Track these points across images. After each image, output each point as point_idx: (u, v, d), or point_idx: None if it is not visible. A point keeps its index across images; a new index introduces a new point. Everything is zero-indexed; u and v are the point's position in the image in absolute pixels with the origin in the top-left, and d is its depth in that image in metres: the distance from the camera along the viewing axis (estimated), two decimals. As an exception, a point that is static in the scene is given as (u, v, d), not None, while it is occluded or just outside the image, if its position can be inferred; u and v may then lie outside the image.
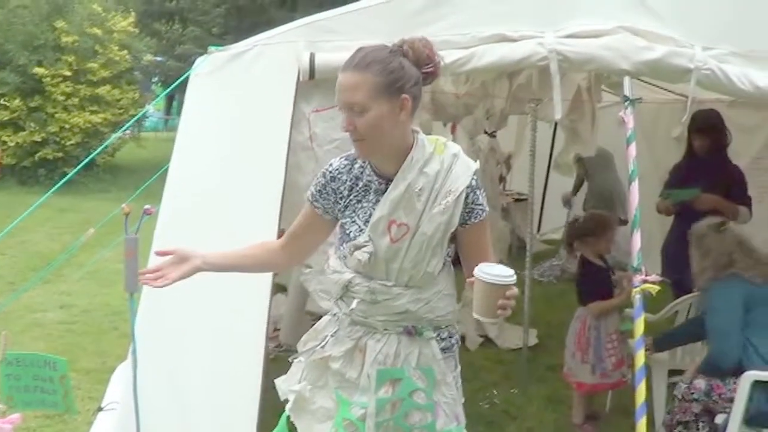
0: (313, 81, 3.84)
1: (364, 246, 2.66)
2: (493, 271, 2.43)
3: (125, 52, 18.85)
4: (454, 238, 2.69)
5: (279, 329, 7.01)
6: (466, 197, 2.62)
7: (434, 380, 2.69)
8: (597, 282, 5.10)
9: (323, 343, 2.78)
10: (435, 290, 2.69)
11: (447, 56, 3.80)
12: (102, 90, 17.87)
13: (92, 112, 17.59)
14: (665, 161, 6.71)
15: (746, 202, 5.72)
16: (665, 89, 7.10)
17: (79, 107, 17.52)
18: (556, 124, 7.75)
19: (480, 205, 2.65)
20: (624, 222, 6.86)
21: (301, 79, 3.83)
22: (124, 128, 10.87)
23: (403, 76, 2.54)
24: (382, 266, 2.66)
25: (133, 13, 20.60)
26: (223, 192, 3.81)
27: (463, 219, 2.64)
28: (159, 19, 25.41)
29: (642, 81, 6.01)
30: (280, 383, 2.97)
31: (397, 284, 2.67)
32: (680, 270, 5.62)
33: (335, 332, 2.77)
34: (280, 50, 3.90)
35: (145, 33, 22.39)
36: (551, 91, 3.96)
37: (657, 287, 3.53)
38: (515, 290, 2.44)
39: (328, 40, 3.89)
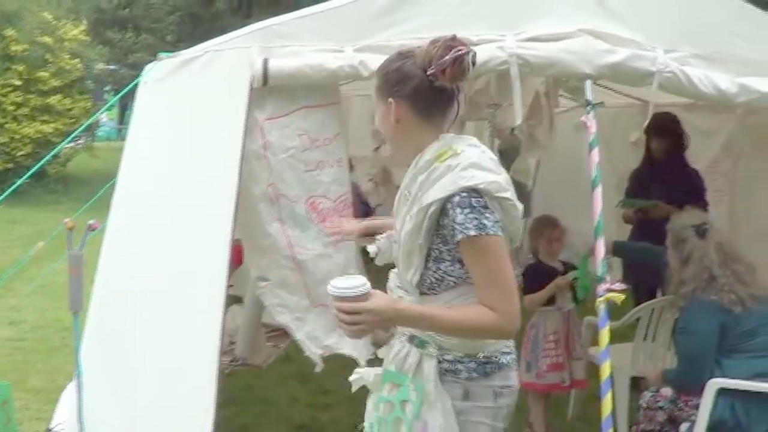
0: (266, 87, 3.72)
1: (376, 241, 2.91)
2: (339, 283, 2.39)
3: (77, 60, 18.55)
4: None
5: (235, 342, 6.88)
6: (444, 213, 2.43)
7: (424, 398, 2.54)
8: (536, 279, 5.06)
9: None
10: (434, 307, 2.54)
11: None
12: (53, 99, 17.59)
13: (43, 122, 17.30)
14: (623, 166, 6.67)
15: (703, 206, 5.62)
16: (622, 93, 7.05)
17: (29, 117, 17.23)
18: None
19: (459, 224, 2.39)
20: None
21: (254, 85, 3.70)
22: (72, 136, 10.60)
23: (391, 80, 2.54)
24: (396, 265, 2.68)
25: (84, 22, 20.29)
26: (174, 203, 3.67)
27: (451, 237, 2.44)
28: (112, 27, 25.06)
29: (599, 85, 5.96)
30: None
31: (401, 287, 2.63)
32: (641, 274, 5.62)
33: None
34: (232, 56, 3.77)
35: (98, 41, 22.08)
36: (510, 96, 3.88)
37: (622, 296, 3.46)
38: (353, 305, 2.36)
39: (282, 46, 3.77)
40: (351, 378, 2.88)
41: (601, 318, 3.47)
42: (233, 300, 7.22)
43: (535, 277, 5.08)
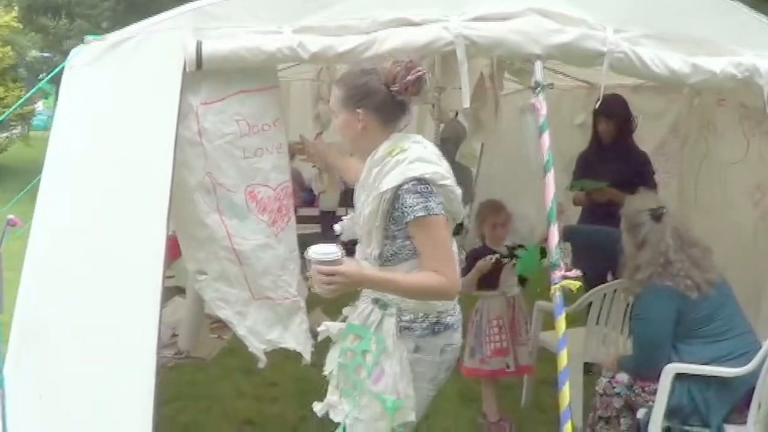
0: (200, 71, 3.51)
1: (341, 221, 3.44)
2: (318, 249, 2.87)
3: (8, 48, 18.04)
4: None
5: (177, 335, 6.70)
6: (396, 198, 2.98)
7: (384, 349, 3.06)
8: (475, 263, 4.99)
9: None
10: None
11: (345, 43, 3.58)
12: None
13: (-17, 110, 16.78)
14: (568, 150, 6.62)
15: (652, 188, 5.56)
16: (567, 75, 6.99)
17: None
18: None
19: (409, 207, 2.95)
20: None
21: (187, 69, 3.49)
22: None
23: (358, 93, 3.10)
24: (359, 242, 3.23)
25: (16, 8, 19.75)
26: (104, 195, 3.44)
27: (400, 218, 3.00)
28: (45, 14, 24.42)
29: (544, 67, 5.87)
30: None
31: (366, 258, 3.14)
32: (591, 258, 5.55)
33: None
34: (163, 39, 3.55)
35: (30, 28, 21.53)
36: (455, 79, 3.75)
37: (578, 283, 3.36)
38: (328, 268, 2.84)
39: (216, 27, 3.57)
40: (319, 329, 3.41)
41: (557, 305, 3.37)
42: (176, 291, 7.05)
43: (475, 262, 5.00)
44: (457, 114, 7.72)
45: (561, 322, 3.34)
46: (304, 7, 3.60)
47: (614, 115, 5.70)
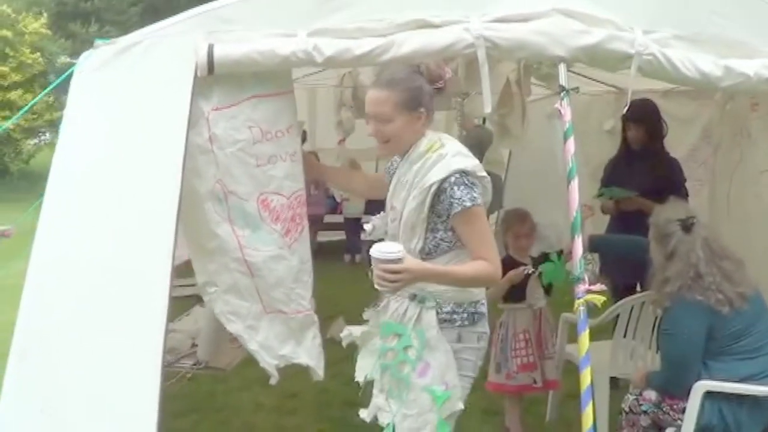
0: (212, 76, 3.40)
1: (371, 220, 3.56)
2: (382, 248, 2.97)
3: (37, 54, 18.12)
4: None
5: (197, 345, 6.63)
6: (442, 191, 3.11)
7: (426, 343, 3.16)
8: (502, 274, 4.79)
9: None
10: None
11: (362, 46, 3.45)
12: (13, 95, 17.22)
13: (3, 118, 16.88)
14: (598, 156, 6.48)
15: (682, 196, 5.44)
16: (595, 80, 6.84)
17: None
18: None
19: (457, 199, 3.08)
20: None
21: (198, 74, 3.38)
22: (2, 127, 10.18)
23: (420, 94, 3.23)
24: (392, 239, 3.27)
25: (45, 15, 19.84)
26: (111, 203, 3.32)
27: (445, 211, 3.14)
28: (74, 20, 24.56)
29: (570, 71, 5.72)
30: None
31: (409, 253, 3.11)
32: (620, 268, 5.40)
33: None
34: (174, 42, 3.44)
35: (60, 35, 21.63)
36: (479, 84, 3.61)
37: (602, 297, 3.21)
38: (393, 266, 2.92)
39: (228, 30, 3.46)
40: (342, 335, 3.54)
41: (580, 321, 3.22)
42: (196, 300, 6.96)
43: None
44: (484, 120, 7.63)
45: (584, 338, 3.20)
46: (319, 10, 3.48)
47: (644, 120, 5.54)
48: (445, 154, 3.16)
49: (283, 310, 3.73)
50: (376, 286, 3.03)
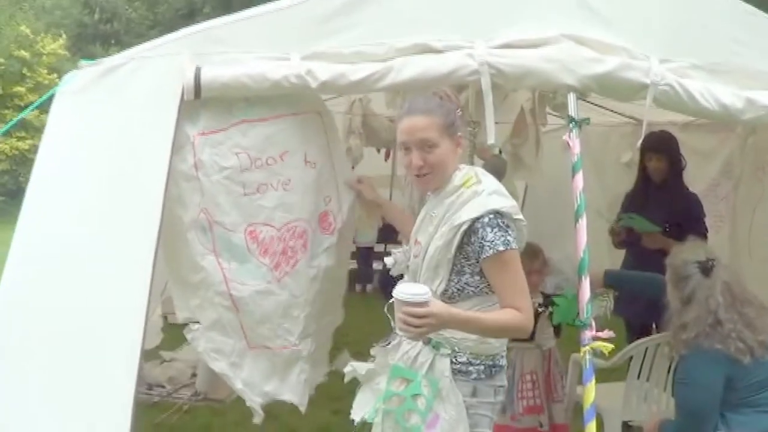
0: (199, 100, 3.23)
1: (393, 254, 3.28)
2: (407, 289, 2.71)
3: (55, 75, 18.15)
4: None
5: (196, 375, 6.42)
6: (473, 231, 2.88)
7: (437, 393, 2.94)
8: None
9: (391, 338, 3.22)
10: None
11: (359, 71, 3.29)
12: (30, 115, 17.15)
13: (19, 138, 16.89)
14: (615, 189, 6.26)
15: (701, 234, 5.24)
16: (613, 111, 6.65)
17: (5, 133, 16.77)
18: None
19: (489, 242, 2.85)
20: None
21: (185, 97, 3.20)
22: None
23: (456, 120, 3.04)
24: (412, 277, 3.09)
25: (63, 36, 19.90)
26: (89, 231, 3.13)
27: (475, 253, 2.90)
28: (93, 42, 24.65)
29: (588, 102, 5.55)
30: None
31: None
32: (634, 307, 5.16)
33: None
34: (161, 63, 3.28)
35: (80, 56, 21.66)
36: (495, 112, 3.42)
37: (610, 345, 2.98)
38: (419, 309, 2.67)
39: (218, 52, 3.29)
40: (345, 369, 3.31)
41: (585, 370, 2.99)
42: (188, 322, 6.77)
43: None
44: (500, 151, 7.46)
45: (590, 390, 2.98)
46: (316, 32, 3.32)
47: (665, 151, 5.31)
48: (480, 191, 2.95)
49: (268, 346, 3.56)
50: (397, 331, 2.84)
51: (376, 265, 9.90)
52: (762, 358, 3.55)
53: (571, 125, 3.24)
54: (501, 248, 2.85)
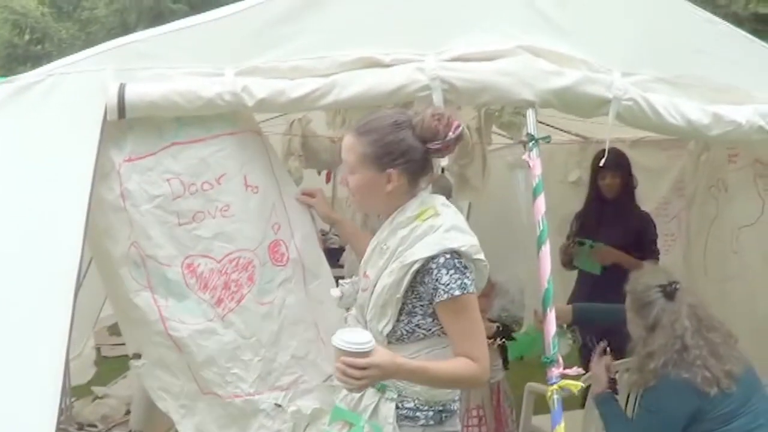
0: (125, 121, 2.93)
1: (341, 285, 2.91)
2: (348, 337, 2.43)
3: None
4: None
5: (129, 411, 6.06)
6: (426, 272, 2.57)
7: None
8: None
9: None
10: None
11: (299, 87, 3.02)
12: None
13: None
14: (561, 209, 6.09)
15: (654, 254, 5.25)
16: (558, 128, 6.48)
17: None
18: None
19: (443, 285, 2.55)
20: None
21: (108, 118, 2.91)
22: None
23: (394, 151, 2.62)
24: (360, 312, 2.80)
25: (-7, 57, 19.33)
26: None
27: (429, 294, 2.60)
28: (24, 64, 23.96)
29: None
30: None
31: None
32: (590, 332, 4.97)
33: None
34: (81, 80, 2.97)
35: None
36: None
37: (579, 384, 2.76)
38: (362, 360, 2.40)
39: (145, 67, 2.99)
40: (289, 410, 3.13)
41: (554, 412, 2.75)
42: (134, 357, 6.45)
43: None
44: (443, 170, 7.27)
45: (559, 432, 2.72)
46: (251, 45, 3.05)
47: (619, 166, 5.18)
48: (437, 227, 2.62)
49: (217, 393, 3.19)
50: (335, 381, 2.60)
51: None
52: (728, 389, 3.38)
53: (530, 144, 3.02)
54: (456, 293, 2.56)
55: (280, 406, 3.25)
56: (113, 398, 6.27)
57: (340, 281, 3.02)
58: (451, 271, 2.56)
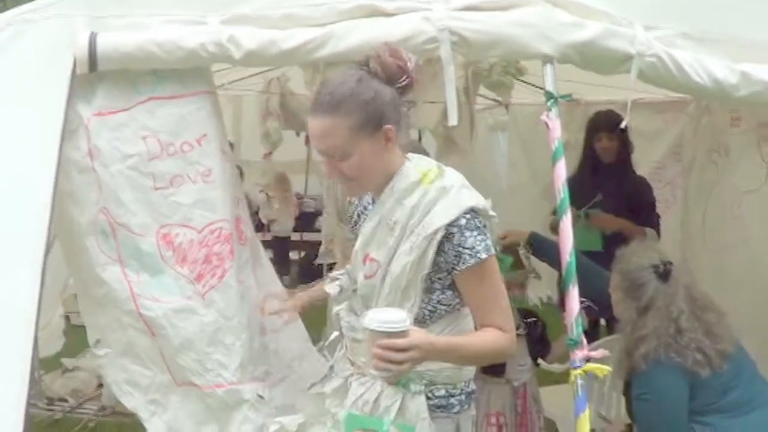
0: (95, 73, 2.68)
1: (336, 279, 2.64)
2: (382, 317, 2.20)
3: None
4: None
5: (102, 385, 5.82)
6: (448, 237, 2.33)
7: None
8: None
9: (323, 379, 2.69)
10: None
11: (292, 38, 2.77)
12: None
13: None
14: (548, 174, 5.89)
15: (654, 221, 5.08)
16: (541, 88, 6.28)
17: None
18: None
19: (469, 248, 2.33)
20: None
21: (78, 70, 2.66)
22: None
23: (378, 106, 2.32)
24: (361, 303, 2.53)
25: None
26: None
27: (449, 264, 2.37)
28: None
29: (518, 80, 5.14)
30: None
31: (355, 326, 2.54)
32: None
33: (333, 368, 2.67)
34: (47, 28, 2.73)
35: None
36: (428, 91, 3.27)
37: (605, 367, 2.57)
38: (402, 341, 2.18)
39: (120, 15, 2.76)
40: (271, 429, 2.79)
41: (578, 399, 2.56)
42: (96, 344, 6.26)
43: None
44: (420, 136, 7.06)
45: (583, 421, 2.54)
46: (235, -10, 2.80)
47: (616, 129, 4.97)
48: (449, 187, 2.38)
49: (194, 383, 2.91)
50: (372, 371, 2.35)
51: (293, 255, 9.41)
52: (720, 369, 3.23)
53: (549, 102, 2.77)
54: (483, 255, 2.33)
55: (262, 397, 3.02)
56: (84, 371, 6.11)
57: (335, 275, 2.73)
58: (475, 233, 2.34)
